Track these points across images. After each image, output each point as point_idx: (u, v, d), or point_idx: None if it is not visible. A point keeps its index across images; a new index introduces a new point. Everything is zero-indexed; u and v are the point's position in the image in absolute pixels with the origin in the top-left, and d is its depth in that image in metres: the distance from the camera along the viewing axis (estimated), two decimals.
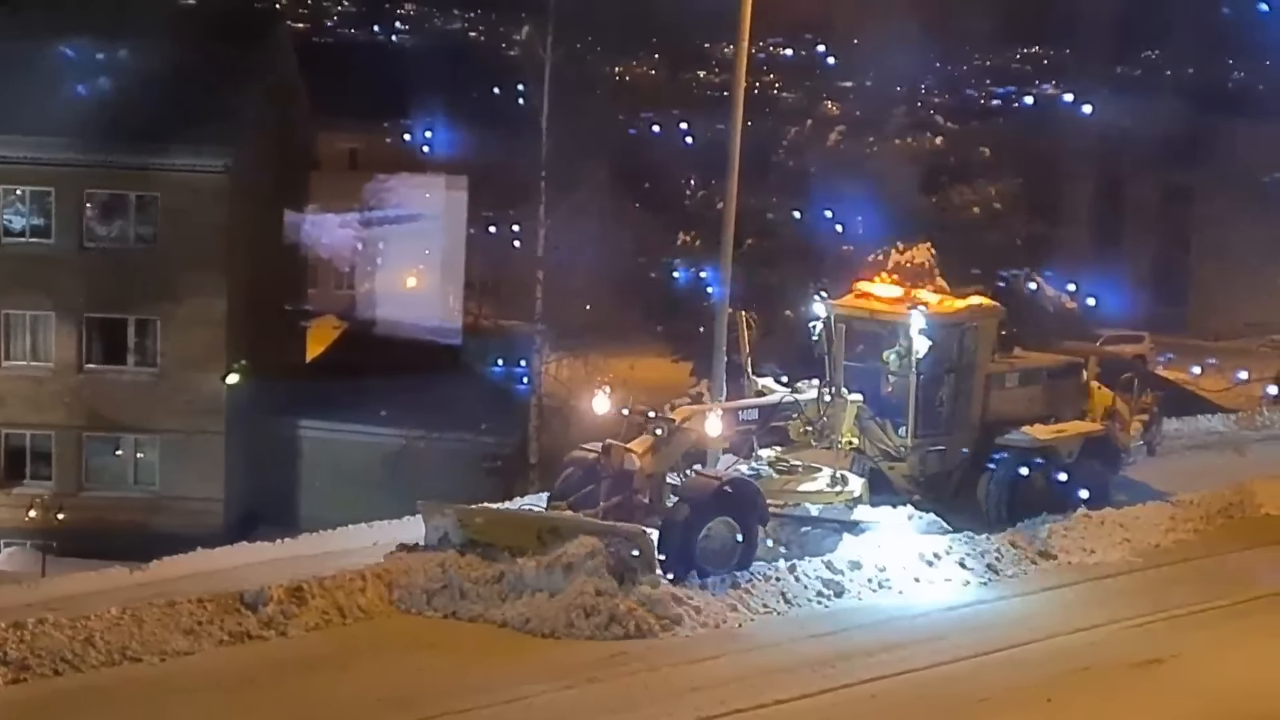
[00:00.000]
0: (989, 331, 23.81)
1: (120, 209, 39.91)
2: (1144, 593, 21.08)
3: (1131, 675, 17.98)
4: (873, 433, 22.77)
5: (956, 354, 23.18)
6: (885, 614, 19.70)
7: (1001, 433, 23.32)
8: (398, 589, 19.00)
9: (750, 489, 20.56)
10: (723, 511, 19.95)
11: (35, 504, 38.57)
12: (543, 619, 18.24)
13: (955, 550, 21.60)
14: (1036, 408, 24.09)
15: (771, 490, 21.27)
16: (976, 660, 18.23)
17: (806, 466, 22.12)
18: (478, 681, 16.90)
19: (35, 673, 16.67)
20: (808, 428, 22.07)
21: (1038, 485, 23.42)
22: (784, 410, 22.16)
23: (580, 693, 16.79)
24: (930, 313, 22.79)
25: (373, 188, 51.72)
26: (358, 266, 54.60)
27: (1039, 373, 24.73)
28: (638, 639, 18.12)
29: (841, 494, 21.95)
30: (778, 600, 19.63)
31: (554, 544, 18.97)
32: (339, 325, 53.36)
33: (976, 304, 24.07)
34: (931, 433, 22.95)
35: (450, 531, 19.82)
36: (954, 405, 23.22)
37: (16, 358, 40.08)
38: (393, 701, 16.36)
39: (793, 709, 16.57)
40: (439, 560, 19.19)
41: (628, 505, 20.29)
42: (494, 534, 19.69)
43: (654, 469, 20.53)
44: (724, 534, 19.95)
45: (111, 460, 40.66)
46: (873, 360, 23.11)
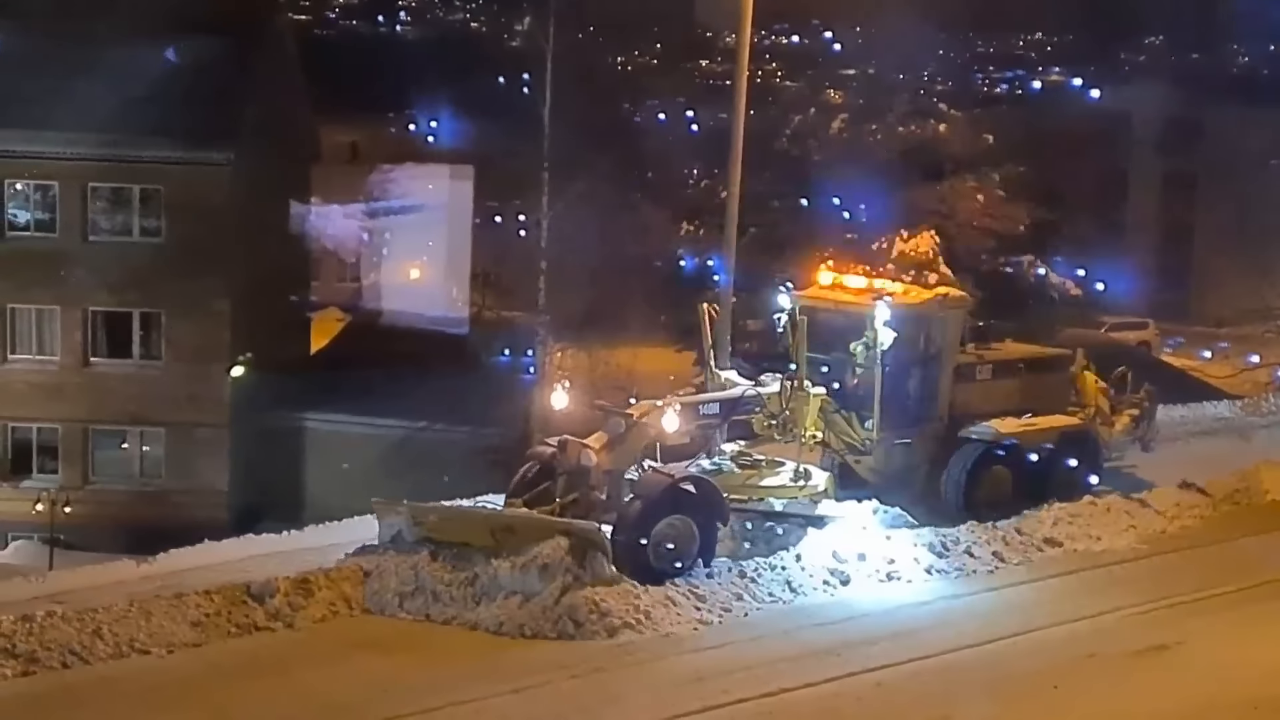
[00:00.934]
0: (956, 322, 23.49)
1: (124, 202, 39.92)
2: (1150, 579, 21.08)
3: (1138, 662, 17.98)
4: (838, 426, 22.39)
5: (923, 345, 22.87)
6: (891, 603, 19.70)
7: (971, 426, 23.07)
8: (369, 592, 18.72)
9: (707, 487, 20.01)
10: (678, 510, 19.50)
11: (42, 498, 38.61)
12: (515, 622, 17.92)
13: (963, 540, 21.61)
14: (1013, 401, 23.73)
15: (732, 485, 20.78)
16: (982, 648, 18.24)
17: (770, 461, 21.61)
18: (483, 676, 16.95)
19: (44, 665, 16.70)
20: (771, 421, 21.61)
21: (1001, 479, 23.12)
22: (747, 404, 21.73)
23: (585, 682, 16.82)
24: (895, 303, 22.41)
25: (376, 179, 51.75)
26: (361, 258, 54.61)
27: (1015, 365, 24.40)
28: (626, 634, 18.00)
29: (805, 488, 21.39)
30: (783, 589, 19.65)
31: (509, 541, 18.59)
32: (342, 318, 53.38)
33: (943, 294, 23.56)
34: (898, 426, 22.57)
35: (404, 529, 19.43)
36: (921, 398, 22.93)
37: (22, 352, 40.12)
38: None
39: (797, 698, 16.58)
40: (411, 563, 18.82)
41: (584, 502, 19.85)
42: (448, 531, 19.28)
43: (612, 465, 20.10)
44: (680, 532, 19.51)
45: (117, 454, 40.70)
46: (838, 352, 22.69)
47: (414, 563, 18.79)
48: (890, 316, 21.85)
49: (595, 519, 19.36)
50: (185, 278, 39.05)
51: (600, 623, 17.83)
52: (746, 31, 29.21)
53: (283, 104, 43.61)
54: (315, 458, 41.49)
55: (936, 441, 23.01)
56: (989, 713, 16.67)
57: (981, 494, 22.86)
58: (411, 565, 18.75)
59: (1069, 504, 23.51)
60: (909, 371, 22.73)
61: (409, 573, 18.67)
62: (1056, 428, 23.81)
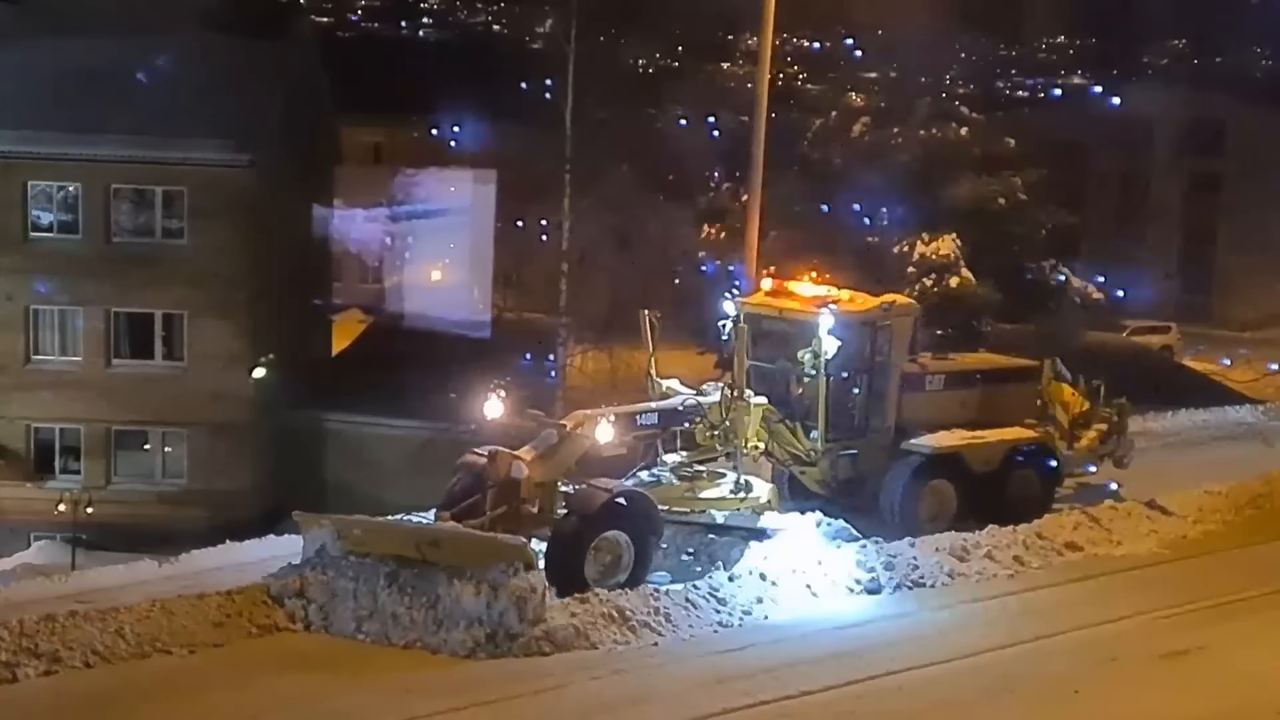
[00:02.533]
0: (904, 330, 22.77)
1: (147, 204, 40.05)
2: (1171, 584, 21.05)
3: (1159, 666, 17.95)
4: (782, 436, 22.00)
5: (869, 354, 22.31)
6: (912, 607, 19.70)
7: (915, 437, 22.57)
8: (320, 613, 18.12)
9: (643, 501, 19.42)
10: (613, 525, 18.97)
11: (65, 498, 38.74)
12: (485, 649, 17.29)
13: (983, 544, 21.59)
14: (969, 412, 23.22)
15: (672, 498, 20.32)
16: (1003, 652, 18.23)
17: (711, 472, 21.13)
18: (508, 677, 16.97)
19: (66, 665, 16.74)
20: (714, 431, 21.04)
21: (944, 494, 22.55)
22: (687, 414, 21.13)
23: (606, 683, 16.84)
24: (840, 311, 21.76)
25: (400, 181, 51.83)
26: (384, 260, 54.69)
27: (971, 376, 23.86)
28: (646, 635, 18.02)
29: (746, 500, 20.82)
30: (804, 593, 19.64)
31: (435, 555, 17.93)
32: (364, 319, 53.46)
33: (890, 302, 22.98)
34: (843, 436, 22.12)
35: (328, 543, 18.69)
36: (867, 408, 22.42)
37: (45, 352, 40.28)
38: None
39: (819, 700, 16.59)
40: (369, 584, 18.00)
41: (514, 515, 19.24)
42: (373, 545, 18.53)
43: (544, 477, 19.50)
44: (615, 548, 19.01)
45: (140, 454, 40.82)
46: (783, 360, 22.31)
47: (372, 584, 18.03)
48: (834, 324, 21.31)
49: (526, 533, 18.74)
50: (207, 279, 39.18)
51: (577, 640, 17.52)
52: (768, 34, 29.22)
53: (305, 106, 43.70)
54: (337, 458, 41.59)
55: (883, 453, 22.47)
56: (1010, 716, 16.68)
57: (922, 509, 22.31)
58: (369, 586, 18.01)
59: (1091, 509, 23.52)
60: (855, 381, 22.24)
61: (367, 595, 17.98)
62: (1006, 441, 23.17)
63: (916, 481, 22.30)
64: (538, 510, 19.41)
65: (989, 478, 22.86)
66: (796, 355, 21.85)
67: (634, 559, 19.13)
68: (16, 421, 40.08)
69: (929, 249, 42.37)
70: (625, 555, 19.08)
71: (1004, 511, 22.54)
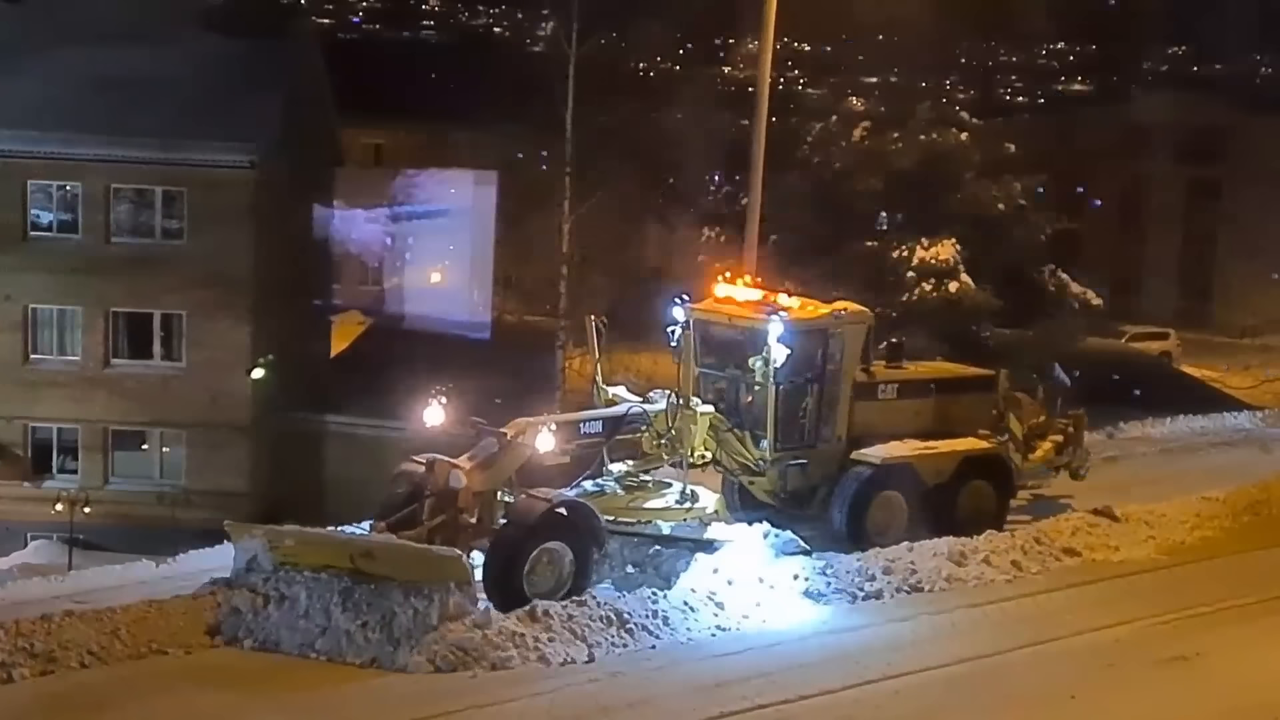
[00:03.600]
0: (855, 338, 22.28)
1: (147, 204, 40.04)
2: (1169, 590, 21.03)
3: (1157, 673, 17.93)
4: (731, 445, 21.52)
5: (820, 362, 21.83)
6: (910, 612, 19.68)
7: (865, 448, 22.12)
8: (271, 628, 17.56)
9: (584, 511, 18.96)
10: (553, 536, 18.49)
11: (62, 497, 38.72)
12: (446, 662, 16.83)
13: (981, 549, 21.58)
14: (923, 422, 22.88)
15: (616, 508, 19.92)
16: (1000, 657, 18.23)
17: (656, 482, 20.67)
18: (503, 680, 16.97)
19: (62, 665, 16.74)
20: (660, 440, 20.58)
21: (893, 506, 22.03)
22: (632, 422, 20.60)
23: (604, 685, 16.82)
24: (790, 318, 21.31)
25: (400, 183, 51.84)
26: (384, 262, 54.70)
27: (925, 385, 23.42)
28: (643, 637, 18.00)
29: (692, 510, 20.37)
30: (802, 597, 19.63)
31: (369, 567, 17.45)
32: (363, 321, 53.45)
33: (841, 309, 22.43)
34: (792, 446, 21.65)
35: (260, 554, 18.13)
36: (817, 417, 21.90)
37: (43, 352, 40.25)
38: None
39: (816, 704, 16.58)
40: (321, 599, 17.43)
41: (452, 526, 18.67)
42: (305, 556, 17.97)
43: (483, 486, 18.98)
44: (555, 560, 18.52)
45: (137, 454, 40.80)
46: (732, 368, 21.89)
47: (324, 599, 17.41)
48: (784, 332, 20.92)
49: (464, 543, 18.32)
50: (207, 280, 39.16)
51: (530, 651, 17.21)
52: (769, 38, 29.26)
53: (307, 107, 43.70)
54: (335, 460, 41.55)
55: (834, 463, 22.01)
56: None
57: (870, 521, 21.80)
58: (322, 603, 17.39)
59: (1088, 515, 23.49)
60: (805, 389, 21.77)
61: (319, 611, 17.37)
62: (958, 452, 22.71)
63: (865, 493, 21.80)
64: (476, 521, 18.88)
65: (941, 489, 22.40)
66: (747, 363, 21.49)
67: (575, 571, 18.64)
68: (14, 421, 40.05)
69: (929, 254, 42.37)
70: (565, 567, 18.61)
71: (956, 524, 22.11)
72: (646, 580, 19.42)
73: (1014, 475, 23.67)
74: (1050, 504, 24.65)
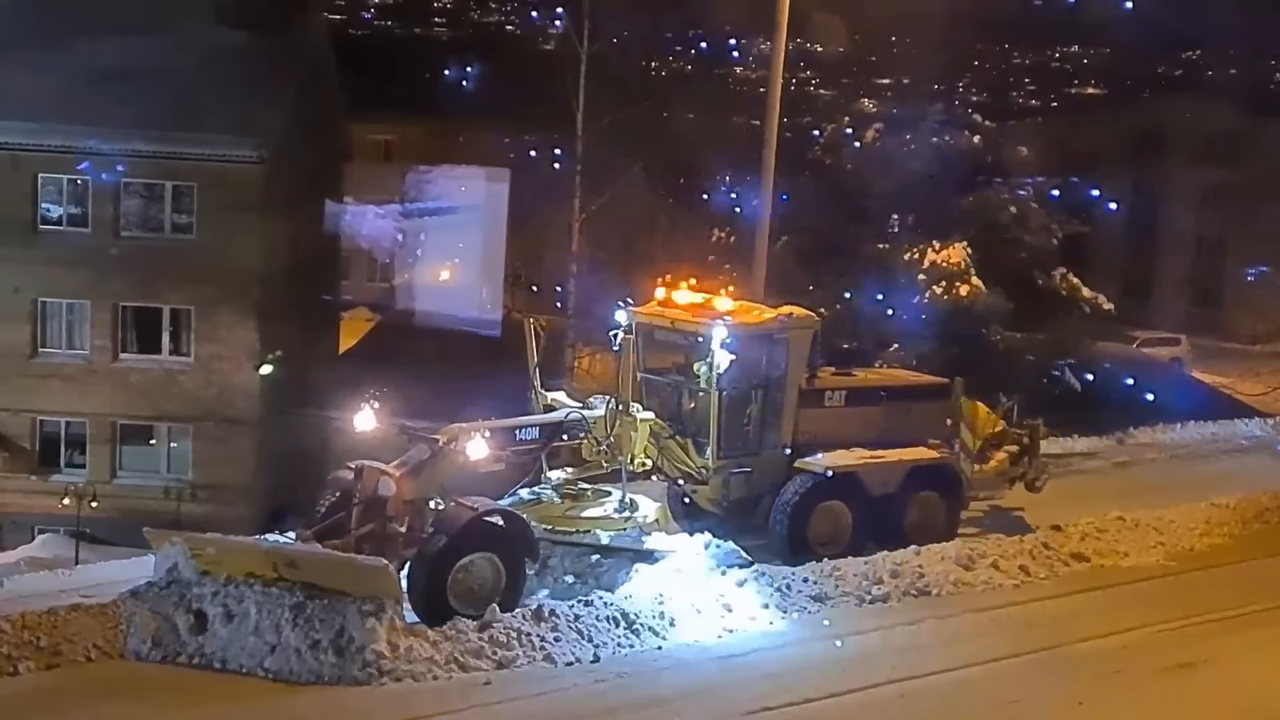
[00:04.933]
0: (802, 344, 21.71)
1: (156, 199, 40.02)
2: (1178, 596, 20.99)
3: (1165, 679, 17.88)
4: (673, 453, 20.90)
5: (764, 368, 21.26)
6: (918, 615, 19.63)
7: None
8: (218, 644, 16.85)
9: (515, 521, 18.48)
10: (482, 546, 17.90)
11: (69, 491, 38.71)
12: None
13: (989, 553, 21.52)
14: (873, 430, 22.18)
15: (552, 517, 19.49)
16: (1007, 662, 18.18)
17: (595, 490, 20.18)
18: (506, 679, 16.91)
19: (67, 659, 16.73)
20: (600, 447, 20.05)
21: (838, 516, 21.47)
22: (570, 428, 20.11)
23: (610, 686, 16.79)
24: (734, 323, 20.74)
25: (409, 179, 51.86)
26: (393, 258, 54.72)
27: (875, 392, 22.85)
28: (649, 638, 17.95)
29: (631, 519, 19.82)
30: (810, 601, 19.59)
31: (293, 576, 16.79)
32: (371, 317, 53.46)
33: (787, 314, 21.86)
34: (735, 454, 21.04)
35: (180, 562, 17.42)
36: (762, 424, 21.31)
37: (52, 346, 40.23)
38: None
39: (821, 707, 16.55)
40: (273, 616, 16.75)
41: (381, 535, 18.08)
42: (227, 565, 17.25)
43: (413, 494, 18.33)
44: (484, 571, 17.93)
45: (145, 449, 40.77)
46: (675, 374, 21.53)
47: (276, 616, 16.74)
48: (728, 337, 20.33)
49: (393, 553, 17.78)
50: (216, 275, 39.11)
51: (536, 651, 17.15)
52: (781, 39, 29.21)
53: (317, 103, 43.69)
54: (343, 456, 41.40)
55: (779, 472, 21.42)
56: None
57: (812, 531, 21.23)
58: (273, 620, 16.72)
59: (1096, 521, 23.42)
60: (749, 396, 21.17)
61: (270, 628, 16.70)
62: (905, 462, 22.10)
63: (808, 502, 21.19)
64: (406, 530, 18.23)
65: (888, 500, 21.81)
66: (690, 368, 21.07)
67: (505, 583, 18.08)
68: (22, 414, 40.02)
69: (939, 257, 42.32)
70: (495, 579, 18.02)
71: (903, 535, 21.57)
72: (588, 591, 18.81)
73: (964, 486, 23.04)
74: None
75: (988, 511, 24.21)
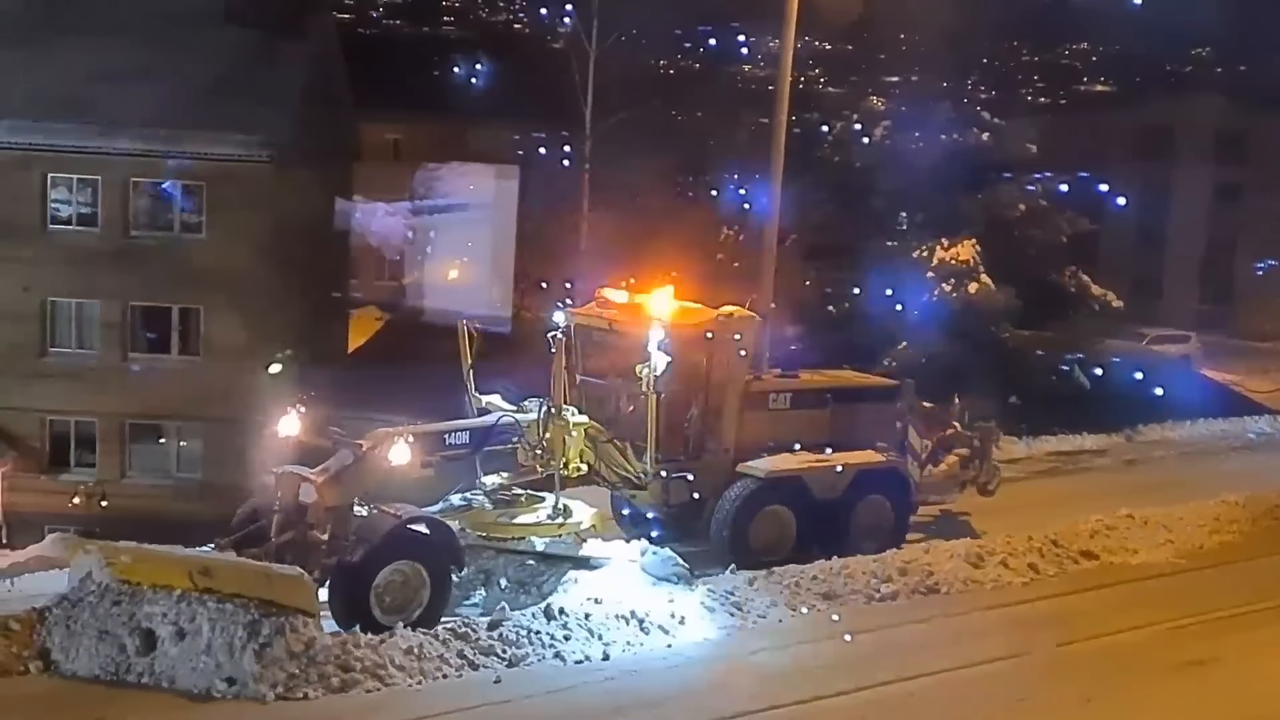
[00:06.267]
0: (743, 345, 21.17)
1: (165, 197, 40.07)
2: (1187, 594, 20.98)
3: (1174, 677, 17.87)
4: (611, 457, 20.40)
5: (705, 370, 20.76)
6: (926, 614, 19.64)
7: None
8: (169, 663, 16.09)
9: (440, 529, 18.03)
10: (405, 555, 17.50)
11: (79, 490, 38.76)
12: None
13: (998, 551, 21.51)
14: (819, 433, 21.75)
15: (484, 523, 19.11)
16: (1014, 660, 18.19)
17: (530, 495, 19.71)
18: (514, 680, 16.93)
19: None
20: (535, 452, 19.59)
21: (781, 521, 21.04)
22: (502, 433, 19.51)
23: (618, 684, 16.78)
24: (671, 324, 20.20)
25: (418, 178, 51.83)
26: (402, 257, 54.69)
27: (821, 394, 22.30)
28: (657, 637, 17.95)
29: (565, 526, 19.43)
30: (818, 599, 19.60)
31: (208, 586, 16.19)
32: (380, 316, 53.43)
33: (727, 314, 21.19)
34: (675, 458, 20.51)
35: (95, 570, 16.81)
36: (702, 427, 20.85)
37: (62, 345, 40.32)
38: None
39: (831, 705, 16.55)
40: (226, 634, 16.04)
41: (301, 543, 17.55)
42: (142, 574, 16.62)
43: (335, 501, 17.75)
44: (407, 580, 17.54)
45: (155, 447, 40.83)
46: (613, 376, 20.92)
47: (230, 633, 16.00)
48: (665, 338, 19.70)
49: (314, 562, 17.30)
50: (225, 274, 39.16)
51: (546, 649, 17.12)
52: (790, 36, 29.19)
53: (325, 102, 43.73)
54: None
55: (721, 476, 20.90)
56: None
57: (755, 537, 20.75)
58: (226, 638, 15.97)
59: (1106, 518, 23.41)
60: (689, 399, 20.72)
61: (223, 646, 16.01)
62: (852, 465, 21.60)
63: (750, 507, 20.68)
64: (328, 538, 17.64)
65: (833, 504, 21.32)
66: (627, 370, 20.34)
67: (430, 592, 17.66)
68: (32, 413, 40.11)
69: (948, 254, 42.21)
70: (419, 588, 17.64)
71: (850, 540, 21.20)
72: (530, 600, 18.47)
73: (913, 490, 22.66)
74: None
75: (991, 510, 24.12)
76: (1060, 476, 29.75)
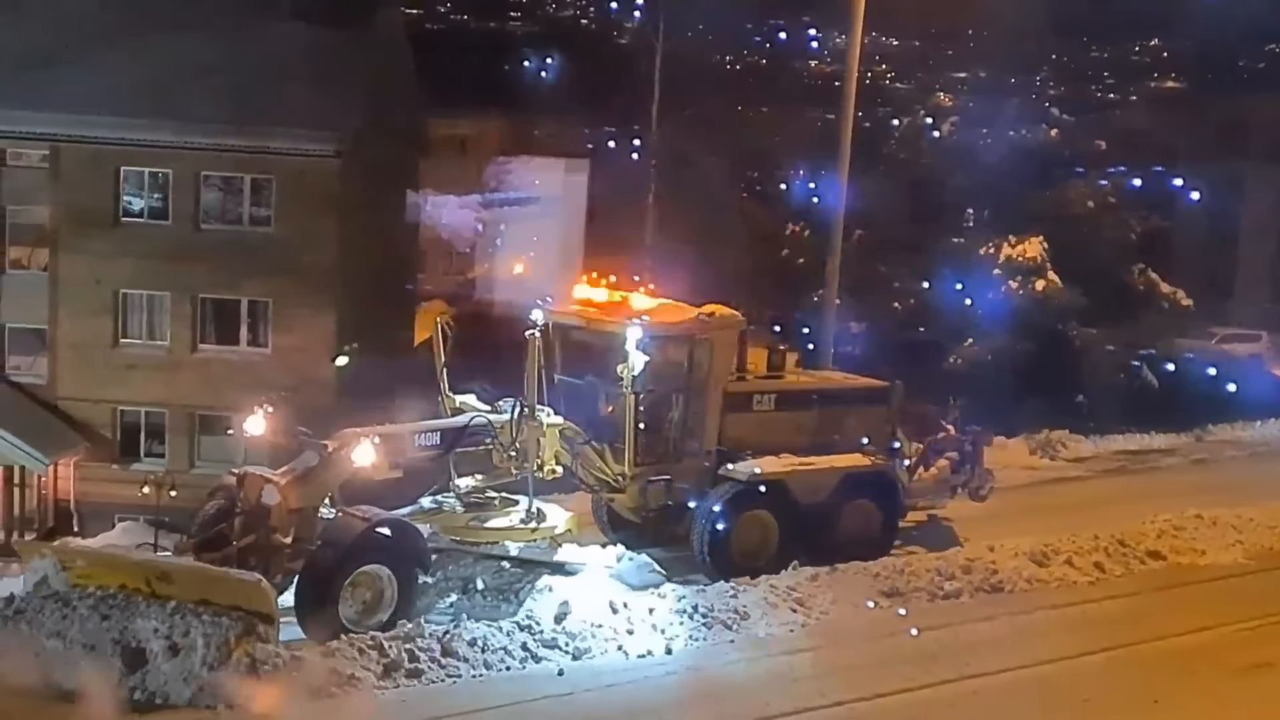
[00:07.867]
0: (726, 345, 20.75)
1: (235, 192, 40.34)
2: (1255, 595, 20.82)
3: (1240, 679, 17.75)
4: (589, 459, 19.92)
5: (686, 370, 20.27)
6: (991, 611, 19.57)
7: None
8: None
9: (408, 532, 17.73)
10: (372, 558, 17.20)
11: (148, 480, 39.05)
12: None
13: (1064, 550, 21.38)
14: (805, 435, 21.26)
15: (455, 527, 18.77)
16: (1080, 660, 18.09)
17: (503, 499, 19.30)
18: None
19: None
20: (509, 453, 19.17)
21: (765, 526, 20.42)
22: (475, 434, 19.14)
23: (680, 678, 16.82)
24: (650, 324, 19.72)
25: (491, 170, 51.96)
26: (469, 251, 54.85)
27: (808, 396, 21.89)
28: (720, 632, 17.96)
29: (538, 530, 19.01)
30: (881, 595, 19.57)
31: (166, 590, 16.00)
32: (446, 310, 53.53)
33: (709, 314, 20.67)
34: (654, 460, 20.03)
35: (51, 575, 16.72)
36: (683, 429, 20.30)
37: (133, 336, 40.63)
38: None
39: (892, 702, 16.56)
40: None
41: (264, 546, 17.22)
42: (99, 577, 16.50)
43: (299, 503, 17.44)
44: (375, 583, 17.27)
45: (223, 439, 41.05)
46: (591, 376, 20.38)
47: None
48: (644, 338, 19.30)
49: (277, 565, 17.04)
50: (293, 267, 39.34)
51: (609, 643, 17.12)
52: (857, 33, 29.10)
53: (393, 97, 43.89)
54: None
55: (703, 479, 20.39)
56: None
57: (737, 542, 20.15)
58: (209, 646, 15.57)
59: (1174, 518, 23.20)
60: (670, 400, 20.21)
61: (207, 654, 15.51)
62: (838, 469, 21.02)
63: (731, 512, 20.06)
64: (292, 540, 17.33)
65: (819, 509, 20.72)
66: (606, 371, 19.90)
67: (397, 595, 17.36)
68: (104, 404, 40.48)
69: (1015, 251, 42.01)
70: (387, 591, 17.34)
71: (836, 546, 20.64)
72: (505, 608, 18.07)
73: (901, 494, 22.07)
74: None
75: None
76: (1128, 475, 29.53)
